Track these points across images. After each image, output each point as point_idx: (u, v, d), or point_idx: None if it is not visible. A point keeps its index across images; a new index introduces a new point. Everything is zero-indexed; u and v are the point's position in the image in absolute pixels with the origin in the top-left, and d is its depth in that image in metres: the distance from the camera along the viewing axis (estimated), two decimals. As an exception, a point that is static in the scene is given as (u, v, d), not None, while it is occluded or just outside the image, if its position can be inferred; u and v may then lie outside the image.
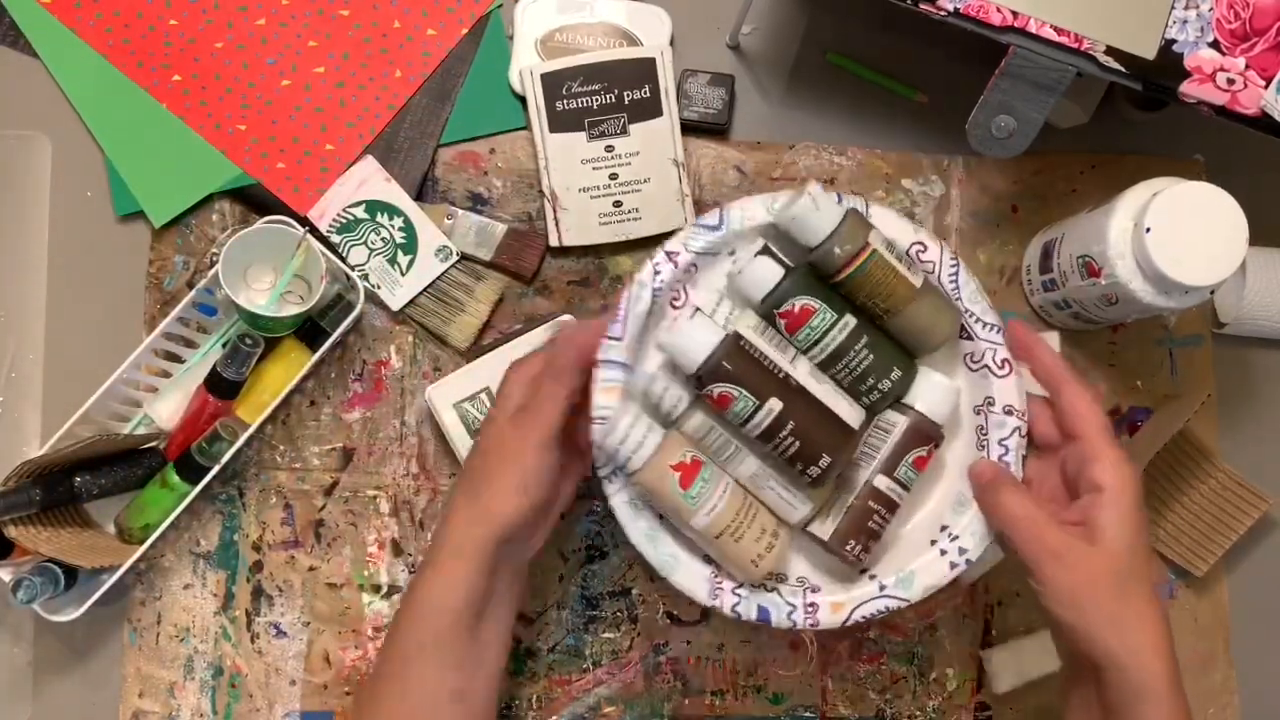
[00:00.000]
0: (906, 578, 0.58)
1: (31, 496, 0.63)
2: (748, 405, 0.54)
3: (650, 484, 0.55)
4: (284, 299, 0.70)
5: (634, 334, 0.58)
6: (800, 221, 0.56)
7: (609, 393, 0.56)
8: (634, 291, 0.58)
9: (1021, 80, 0.62)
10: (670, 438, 0.56)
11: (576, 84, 0.72)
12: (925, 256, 0.59)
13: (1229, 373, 0.75)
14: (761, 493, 0.58)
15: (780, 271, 0.56)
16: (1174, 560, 0.72)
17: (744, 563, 0.56)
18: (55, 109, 0.73)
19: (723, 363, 0.54)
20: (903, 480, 0.57)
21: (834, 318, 0.56)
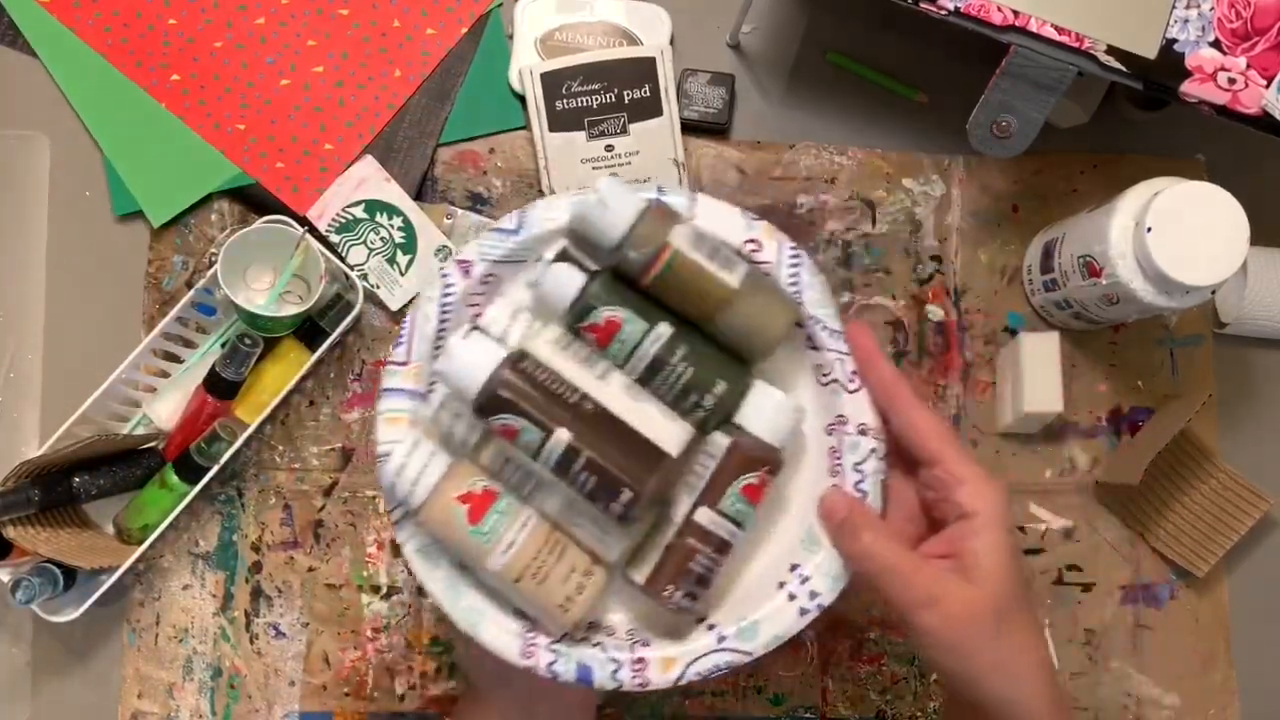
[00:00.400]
0: (749, 628, 0.50)
1: (30, 497, 0.63)
2: (534, 436, 0.46)
3: (436, 521, 0.48)
4: (283, 299, 0.70)
5: (424, 356, 0.51)
6: (590, 222, 0.49)
7: (393, 424, 0.50)
8: (420, 309, 0.51)
9: (1022, 80, 0.62)
10: (458, 466, 0.49)
11: (576, 83, 0.72)
12: (760, 256, 0.51)
13: (1230, 373, 0.75)
14: (572, 528, 0.49)
15: (582, 279, 0.49)
16: (1175, 560, 0.72)
17: (551, 608, 0.48)
18: (54, 109, 0.73)
19: (499, 391, 0.46)
20: (731, 514, 0.49)
21: (645, 327, 0.48)
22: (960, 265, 0.74)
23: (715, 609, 0.52)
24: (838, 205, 0.74)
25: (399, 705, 0.70)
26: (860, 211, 0.74)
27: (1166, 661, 0.72)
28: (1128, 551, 0.73)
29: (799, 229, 0.74)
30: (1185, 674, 0.72)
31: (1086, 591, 0.72)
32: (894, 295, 0.74)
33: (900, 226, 0.74)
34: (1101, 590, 0.72)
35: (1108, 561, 0.72)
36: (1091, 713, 0.72)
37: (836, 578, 0.51)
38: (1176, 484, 0.72)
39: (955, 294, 0.74)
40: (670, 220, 0.49)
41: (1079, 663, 0.72)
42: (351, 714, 0.70)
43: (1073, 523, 0.73)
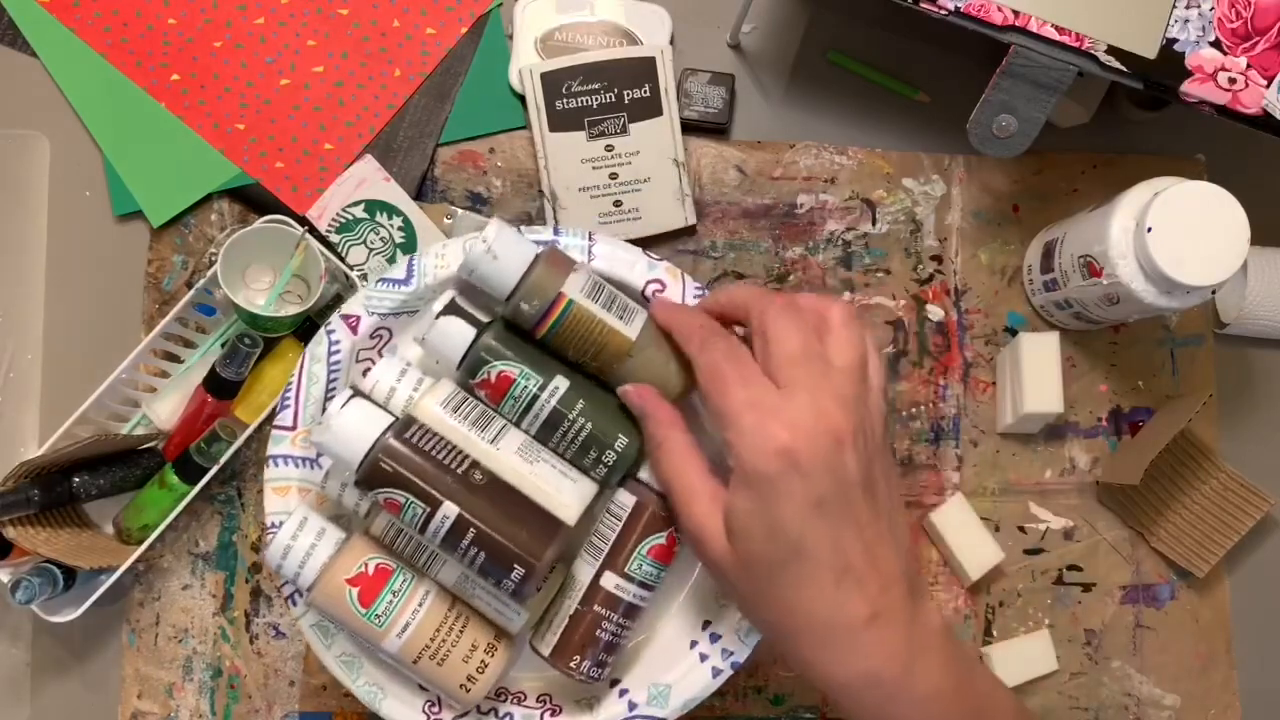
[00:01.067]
0: (661, 693, 0.49)
1: (30, 497, 0.63)
2: (418, 512, 0.44)
3: (326, 603, 0.45)
4: (283, 299, 0.70)
5: (312, 419, 0.49)
6: (479, 273, 0.46)
7: (281, 493, 0.48)
8: (306, 368, 0.49)
9: (1022, 79, 0.62)
10: (350, 543, 0.46)
11: (576, 83, 0.72)
12: (665, 296, 0.49)
13: (1230, 373, 0.75)
14: (472, 599, 0.47)
15: (471, 332, 0.46)
16: (1175, 561, 0.72)
17: (452, 688, 0.46)
18: (54, 108, 0.73)
19: (380, 464, 0.44)
20: (639, 577, 0.47)
21: (540, 382, 0.46)
22: (960, 265, 0.74)
23: (627, 671, 0.50)
24: (838, 205, 0.74)
25: (399, 705, 0.70)
26: (860, 211, 0.74)
27: (1167, 662, 0.72)
28: (1128, 552, 0.73)
29: (799, 229, 0.74)
30: (1185, 674, 0.72)
31: (1086, 591, 0.72)
32: (894, 295, 0.74)
33: (900, 226, 0.74)
34: (1101, 590, 0.72)
35: (1108, 561, 0.72)
36: (1091, 713, 0.72)
37: (749, 633, 0.49)
38: (1177, 484, 0.72)
39: (955, 294, 0.74)
40: (565, 267, 0.47)
41: (1079, 663, 0.72)
42: (351, 714, 0.70)
43: (1073, 523, 0.73)
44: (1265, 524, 0.72)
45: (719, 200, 0.74)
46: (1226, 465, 0.71)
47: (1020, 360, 0.69)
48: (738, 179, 0.74)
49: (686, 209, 0.72)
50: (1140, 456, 0.68)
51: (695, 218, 0.73)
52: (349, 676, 0.49)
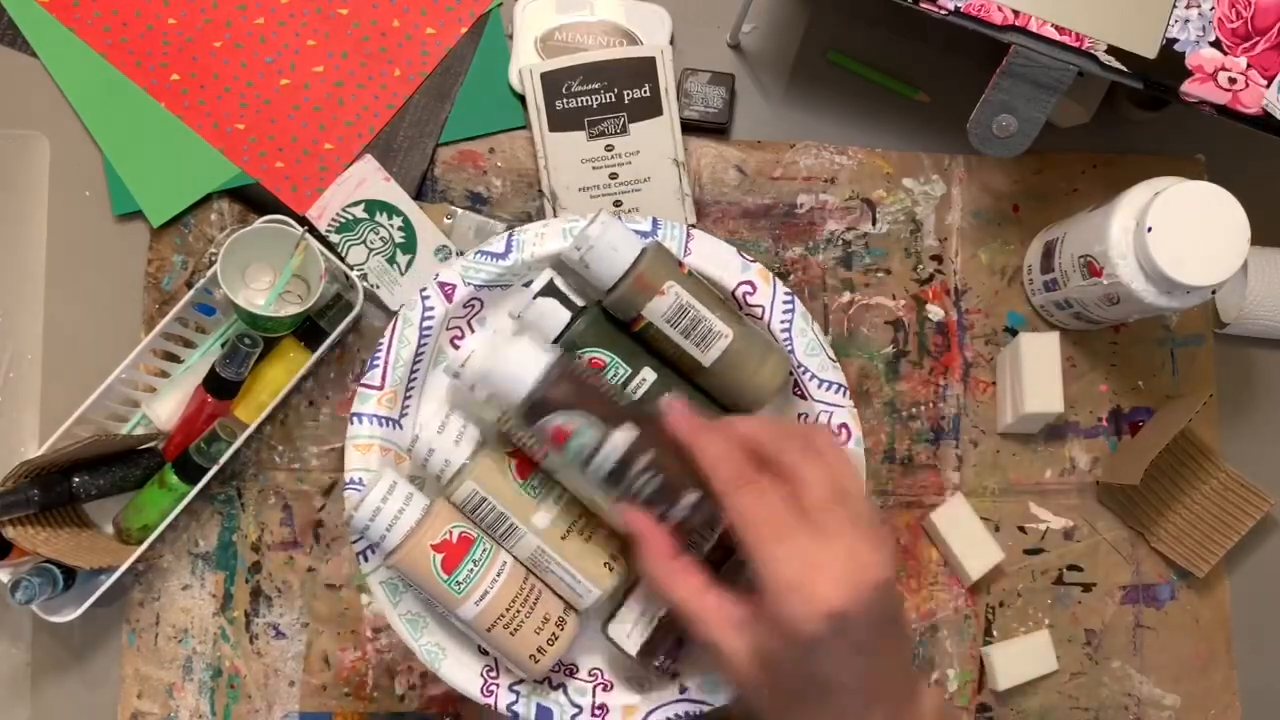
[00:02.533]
0: (713, 681, 0.50)
1: (30, 497, 0.63)
2: (589, 439, 0.44)
3: (409, 567, 0.46)
4: (283, 299, 0.70)
5: (399, 381, 0.50)
6: (581, 268, 0.47)
7: (364, 451, 0.49)
8: (398, 331, 0.50)
9: (1023, 79, 0.62)
10: (435, 509, 0.47)
11: (576, 83, 0.72)
12: (754, 299, 0.50)
13: (1231, 373, 0.75)
14: (545, 575, 0.48)
15: (566, 315, 0.47)
16: (1175, 561, 0.72)
17: (522, 658, 0.48)
18: (53, 108, 0.73)
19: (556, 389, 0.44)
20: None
21: (628, 372, 0.47)
22: (960, 265, 0.74)
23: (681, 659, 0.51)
24: (838, 205, 0.74)
25: (399, 705, 0.70)
26: (860, 211, 0.74)
27: (1167, 662, 0.72)
28: (1128, 551, 0.73)
29: (799, 229, 0.74)
30: (1186, 674, 0.72)
31: (1087, 591, 0.72)
32: (894, 295, 0.74)
33: (900, 226, 0.74)
34: (1102, 590, 0.72)
35: (1108, 561, 0.72)
36: (1092, 713, 0.72)
37: None
38: (1177, 484, 0.72)
39: (955, 294, 0.74)
40: (664, 272, 0.46)
41: (1079, 663, 0.72)
42: (351, 714, 0.70)
43: (1073, 523, 0.73)
44: (1265, 524, 0.72)
45: (719, 200, 0.74)
46: (1226, 465, 0.71)
47: (1020, 360, 0.69)
48: (738, 179, 0.74)
49: (686, 209, 0.72)
50: (1140, 456, 0.68)
51: (695, 218, 0.73)
52: (412, 635, 0.49)
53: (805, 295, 0.73)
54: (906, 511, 0.72)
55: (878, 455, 0.72)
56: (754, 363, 0.48)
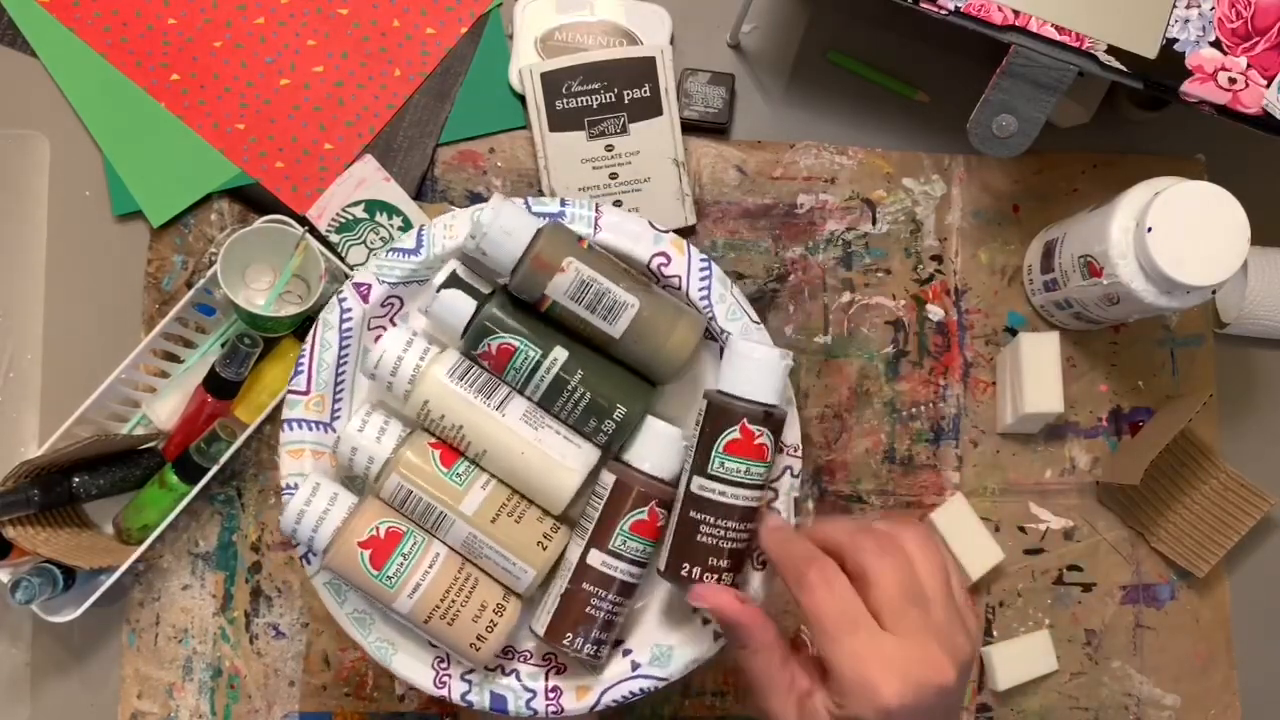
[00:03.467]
0: (664, 654, 0.50)
1: (30, 497, 0.63)
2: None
3: (339, 566, 0.47)
4: (283, 299, 0.70)
5: (325, 384, 0.50)
6: (483, 250, 0.48)
7: (295, 456, 0.50)
8: (319, 335, 0.51)
9: (1023, 79, 0.62)
10: (362, 507, 0.48)
11: (576, 83, 0.72)
12: (669, 270, 0.51)
13: (1231, 373, 0.75)
14: (480, 560, 0.49)
15: (472, 305, 0.48)
16: (1176, 561, 0.72)
17: (463, 647, 0.48)
18: (53, 108, 0.73)
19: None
20: (627, 554, 0.48)
21: (539, 353, 0.48)
22: (960, 265, 0.74)
23: (630, 633, 0.51)
24: (838, 205, 0.74)
25: (399, 705, 0.70)
26: (860, 211, 0.74)
27: (1167, 662, 0.72)
28: (1128, 551, 0.73)
29: (799, 229, 0.74)
30: (1186, 674, 0.72)
31: (1087, 591, 0.72)
32: (894, 295, 0.74)
33: (900, 226, 0.74)
34: (1102, 590, 0.72)
35: (1108, 561, 0.72)
36: (1092, 713, 0.72)
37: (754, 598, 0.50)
38: (1178, 484, 0.72)
39: (955, 294, 0.74)
40: (563, 249, 0.47)
41: (1079, 663, 0.72)
42: (351, 714, 0.70)
43: (1073, 523, 0.73)
44: (1265, 524, 0.72)
45: (719, 200, 0.74)
46: (1226, 465, 0.71)
47: (1020, 360, 0.69)
48: (738, 179, 0.74)
49: (686, 209, 0.72)
50: (1140, 457, 0.68)
51: (695, 218, 0.73)
52: (361, 633, 0.50)
53: (805, 295, 0.73)
54: (906, 512, 0.72)
55: (878, 455, 0.72)
56: (664, 329, 0.48)
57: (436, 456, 0.48)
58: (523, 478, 0.48)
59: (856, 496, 0.72)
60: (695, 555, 0.47)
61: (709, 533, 0.47)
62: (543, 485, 0.48)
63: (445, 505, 0.48)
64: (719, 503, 0.47)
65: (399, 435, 0.48)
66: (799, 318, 0.73)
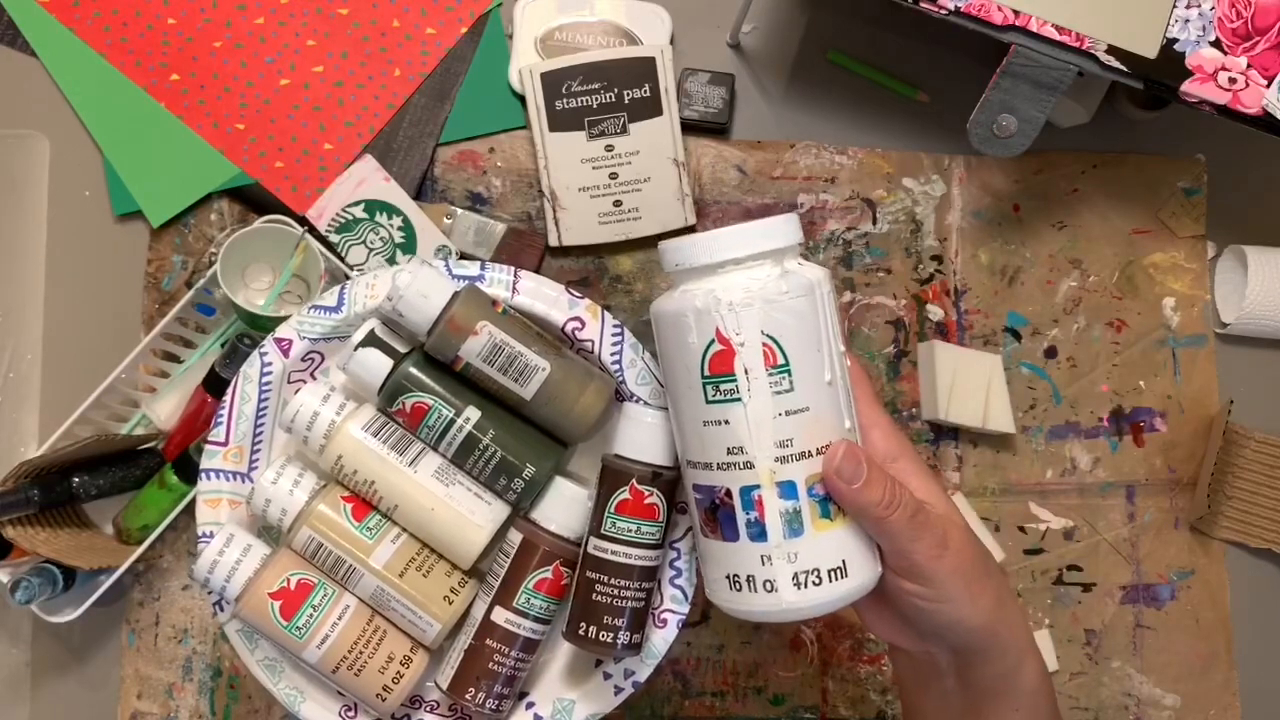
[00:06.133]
0: (566, 708, 0.51)
1: (30, 497, 0.63)
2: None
3: (250, 616, 0.48)
4: (283, 299, 0.70)
5: (243, 436, 0.52)
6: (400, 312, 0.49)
7: (212, 506, 0.51)
8: (239, 388, 0.52)
9: (1023, 79, 0.62)
10: (275, 558, 0.49)
11: (576, 83, 0.72)
12: (583, 334, 0.52)
13: (1231, 373, 0.75)
14: (388, 612, 0.50)
15: (388, 363, 0.49)
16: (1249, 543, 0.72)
17: (369, 697, 0.49)
18: (53, 108, 0.73)
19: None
20: (531, 611, 0.49)
21: (453, 412, 0.49)
22: (960, 265, 0.74)
23: (533, 685, 0.53)
24: (838, 205, 0.74)
25: (399, 705, 0.70)
26: (860, 211, 0.74)
27: (1167, 662, 0.72)
28: (1128, 552, 0.73)
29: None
30: (1186, 674, 0.72)
31: (1087, 591, 0.72)
32: (894, 295, 0.74)
33: (900, 226, 0.74)
34: (1102, 590, 0.72)
35: (1108, 561, 0.72)
36: (1092, 713, 0.71)
37: (649, 657, 0.52)
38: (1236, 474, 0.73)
39: (955, 294, 0.74)
40: (476, 313, 0.49)
41: (1079, 663, 0.72)
42: (351, 714, 0.70)
43: (1073, 523, 0.73)
44: (1266, 524, 0.72)
45: (719, 200, 0.74)
46: (1257, 433, 0.71)
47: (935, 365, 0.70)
48: (738, 179, 0.74)
49: (686, 209, 0.72)
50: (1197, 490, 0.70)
51: (695, 217, 0.73)
52: (271, 680, 0.51)
53: (805, 295, 0.73)
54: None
55: (878, 455, 0.72)
56: (574, 393, 0.50)
57: (349, 510, 0.49)
58: (433, 533, 0.49)
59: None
60: (593, 615, 0.48)
61: (605, 592, 0.48)
62: (451, 541, 0.49)
63: (355, 558, 0.49)
64: (613, 562, 0.48)
65: (312, 488, 0.49)
66: (799, 318, 0.73)
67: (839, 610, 0.45)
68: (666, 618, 0.52)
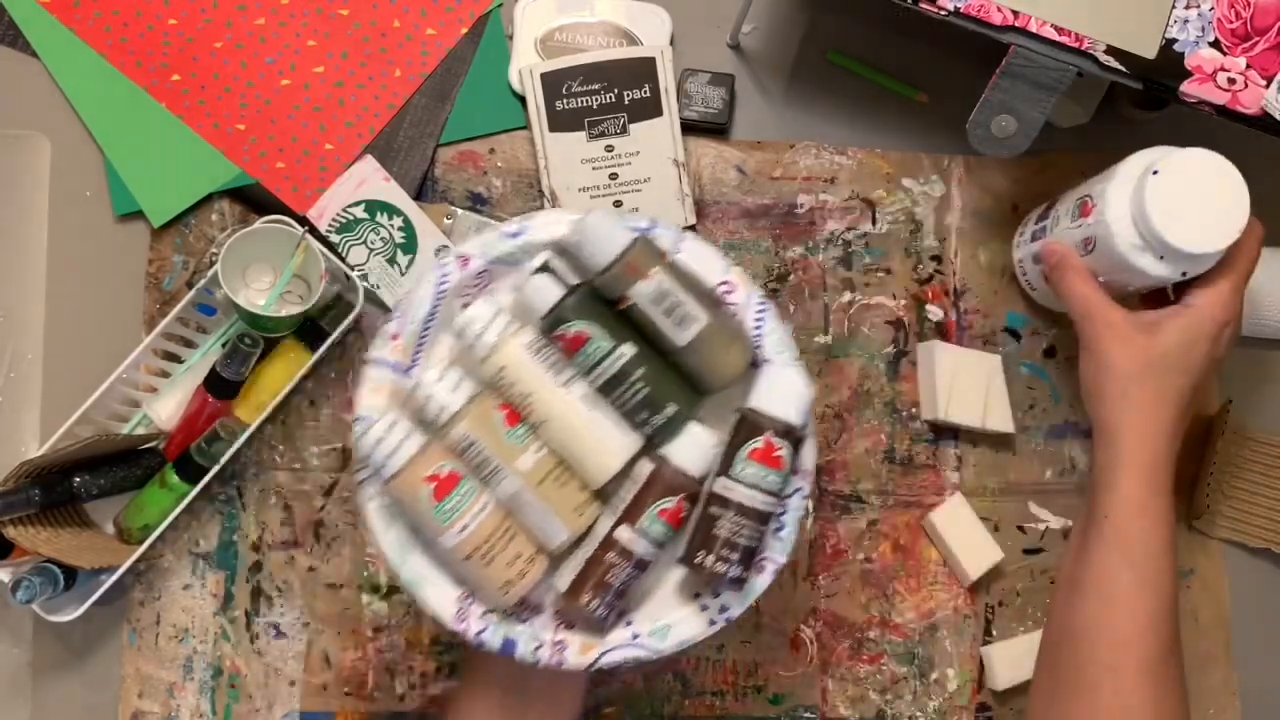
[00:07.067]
0: (661, 630, 0.55)
1: (31, 497, 0.63)
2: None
3: (402, 494, 0.52)
4: (283, 299, 0.70)
5: (411, 334, 0.55)
6: (577, 248, 0.54)
7: (375, 392, 0.54)
8: (417, 292, 0.56)
9: (1022, 80, 0.62)
10: (431, 447, 0.52)
11: (576, 83, 0.72)
12: (732, 297, 0.56)
13: (1231, 373, 0.75)
14: (521, 515, 0.53)
15: (559, 291, 0.53)
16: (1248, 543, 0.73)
17: (492, 588, 0.52)
18: (54, 109, 0.73)
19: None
20: (649, 534, 0.53)
21: (610, 345, 0.53)
22: (960, 265, 0.74)
23: (636, 608, 0.56)
24: (838, 205, 0.74)
25: (399, 705, 0.70)
26: (860, 211, 0.74)
27: (1166, 661, 0.72)
28: (1128, 551, 0.73)
29: (799, 229, 0.74)
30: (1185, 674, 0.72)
31: (1086, 591, 0.72)
32: (894, 295, 0.74)
33: (900, 226, 0.74)
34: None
35: (1108, 561, 0.72)
36: (1091, 713, 0.71)
37: (744, 596, 0.55)
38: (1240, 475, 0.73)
39: (955, 294, 0.74)
40: (651, 259, 0.53)
41: (1079, 663, 0.72)
42: (352, 714, 0.70)
43: (1072, 522, 0.73)
44: (1265, 524, 0.72)
45: (719, 200, 0.74)
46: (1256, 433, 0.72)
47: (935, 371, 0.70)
48: (738, 179, 0.74)
49: (686, 209, 0.72)
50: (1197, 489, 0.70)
51: (695, 218, 0.73)
52: (398, 561, 0.54)
53: (805, 295, 0.73)
54: (906, 511, 0.72)
55: (878, 455, 0.72)
56: (721, 347, 0.54)
57: (502, 417, 0.53)
58: (573, 450, 0.53)
59: (856, 496, 0.72)
60: (711, 545, 0.52)
61: (725, 527, 0.52)
62: (588, 460, 0.53)
63: (502, 460, 0.53)
64: (737, 502, 0.52)
65: (470, 392, 0.53)
66: (799, 317, 0.73)
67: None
68: (765, 564, 0.55)
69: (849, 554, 0.72)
